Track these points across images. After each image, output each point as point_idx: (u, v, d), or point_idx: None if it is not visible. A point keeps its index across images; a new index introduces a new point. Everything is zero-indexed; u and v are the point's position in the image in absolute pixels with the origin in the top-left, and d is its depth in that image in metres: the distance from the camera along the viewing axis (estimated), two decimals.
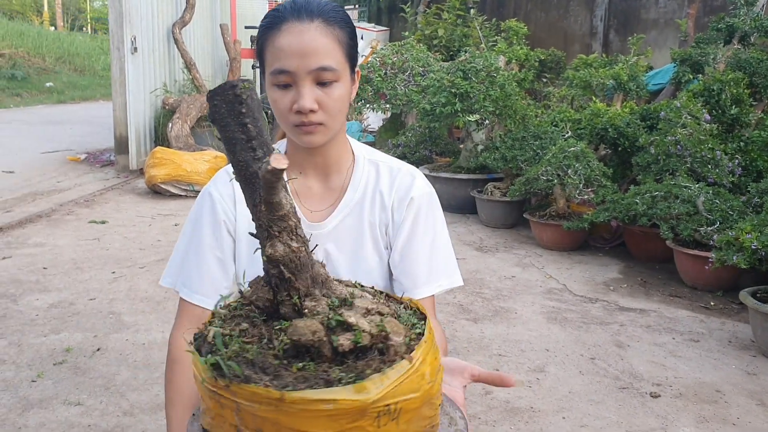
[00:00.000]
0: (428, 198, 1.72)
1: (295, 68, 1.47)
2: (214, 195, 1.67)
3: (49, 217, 6.41)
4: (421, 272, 1.68)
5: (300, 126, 1.51)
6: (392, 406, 0.82)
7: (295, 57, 1.47)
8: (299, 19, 1.49)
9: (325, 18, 1.50)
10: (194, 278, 1.65)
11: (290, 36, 1.48)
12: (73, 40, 26.36)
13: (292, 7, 1.52)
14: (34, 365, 3.43)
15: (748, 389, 3.35)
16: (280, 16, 1.51)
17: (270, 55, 1.52)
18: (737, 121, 5.46)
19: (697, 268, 4.62)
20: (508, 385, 1.18)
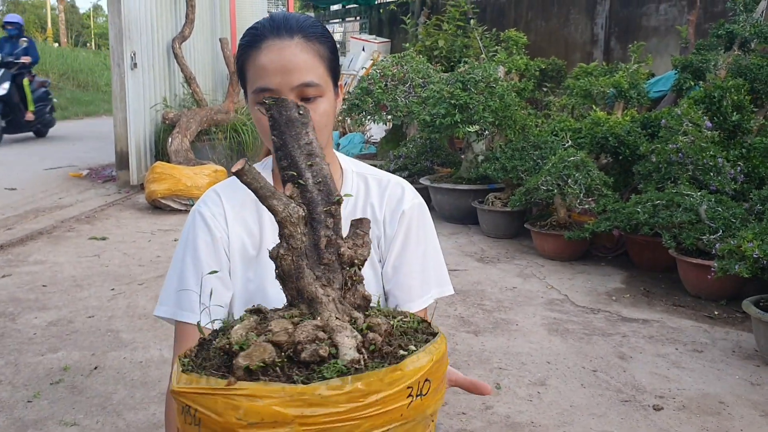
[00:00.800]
0: (419, 209, 1.69)
1: (277, 85, 1.46)
2: (205, 214, 1.63)
3: (50, 234, 6.40)
4: (414, 284, 1.66)
5: None
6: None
7: (277, 74, 1.46)
8: (279, 37, 1.48)
9: (305, 34, 1.50)
10: (195, 300, 1.57)
11: (271, 54, 1.47)
12: (77, 56, 26.51)
13: (270, 24, 1.51)
14: (31, 385, 3.40)
15: (752, 400, 3.30)
16: (259, 34, 1.50)
17: (251, 74, 1.51)
18: (739, 127, 5.42)
19: (700, 277, 4.58)
20: (484, 393, 1.19)
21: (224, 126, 9.11)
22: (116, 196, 8.14)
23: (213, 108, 9.18)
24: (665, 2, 9.40)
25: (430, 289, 1.70)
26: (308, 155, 1.04)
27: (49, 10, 44.41)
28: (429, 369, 0.91)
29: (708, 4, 8.66)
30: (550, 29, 11.00)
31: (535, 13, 11.28)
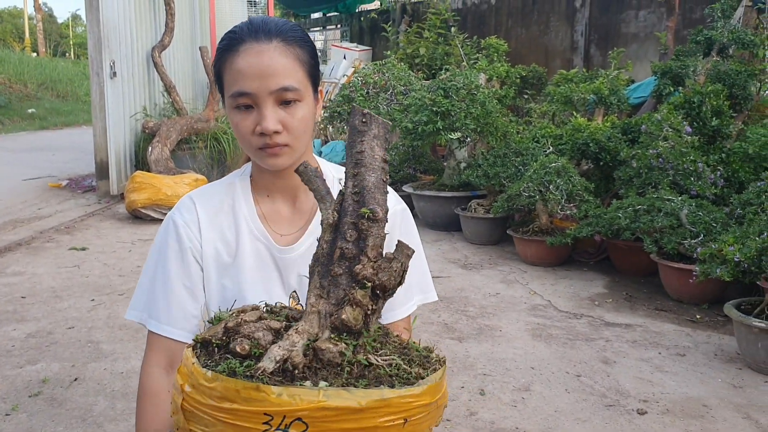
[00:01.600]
0: (401, 215, 1.69)
1: (255, 89, 1.45)
2: (178, 222, 1.62)
3: (28, 245, 6.33)
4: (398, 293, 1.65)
5: (264, 148, 1.48)
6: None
7: (255, 78, 1.45)
8: (257, 40, 1.46)
9: (284, 37, 1.48)
10: (162, 310, 1.58)
11: (249, 57, 1.46)
12: (56, 66, 26.32)
13: (249, 27, 1.49)
14: (9, 398, 3.35)
15: (735, 402, 3.31)
16: (237, 37, 1.49)
17: (229, 78, 1.49)
18: (718, 132, 5.46)
19: (682, 281, 4.60)
20: None
21: (204, 135, 9.06)
22: (96, 206, 8.07)
23: (193, 117, 9.13)
24: (644, 9, 9.47)
25: (413, 296, 1.70)
26: (355, 164, 1.05)
27: (26, 19, 44.13)
28: (300, 410, 0.91)
29: (686, 11, 8.74)
30: (531, 36, 11.05)
31: (515, 21, 11.33)
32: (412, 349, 1.08)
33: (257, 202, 1.64)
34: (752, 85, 5.88)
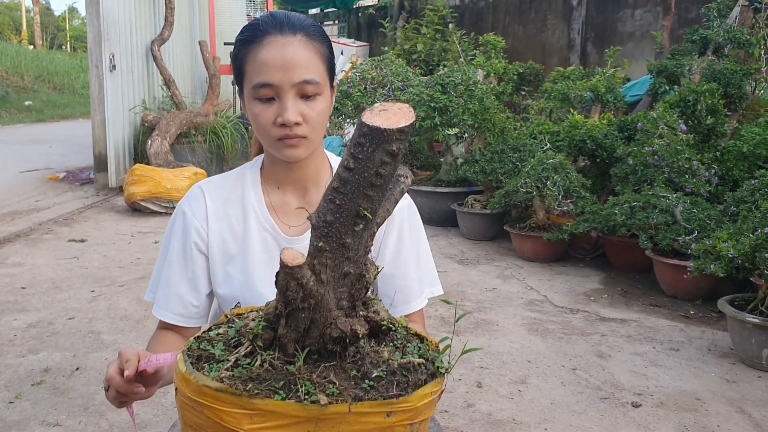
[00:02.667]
0: (408, 210, 1.72)
1: (279, 81, 1.47)
2: (186, 213, 1.67)
3: (27, 237, 6.35)
4: (413, 285, 1.70)
5: (283, 139, 1.51)
6: None
7: (279, 70, 1.47)
8: (282, 33, 1.49)
9: (307, 32, 1.51)
10: (162, 296, 1.67)
11: (273, 49, 1.48)
12: (53, 59, 26.29)
13: (272, 21, 1.51)
14: (12, 386, 3.39)
15: (728, 397, 3.37)
16: (261, 30, 1.51)
17: (251, 69, 1.51)
18: (713, 131, 5.51)
19: (677, 277, 4.65)
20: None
21: (204, 129, 9.09)
22: (94, 199, 8.10)
23: (192, 111, 9.16)
24: (640, 8, 9.51)
25: (425, 289, 1.75)
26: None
27: (24, 12, 43.99)
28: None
29: (682, 10, 8.78)
30: (528, 34, 11.09)
31: (512, 18, 11.36)
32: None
33: (267, 193, 1.67)
34: (747, 85, 5.93)
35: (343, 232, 1.00)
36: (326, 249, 1.02)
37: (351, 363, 1.03)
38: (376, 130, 0.93)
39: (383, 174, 0.96)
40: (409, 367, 1.02)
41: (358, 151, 0.95)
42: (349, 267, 1.03)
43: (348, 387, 0.97)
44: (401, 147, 0.95)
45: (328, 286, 1.03)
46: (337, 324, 1.02)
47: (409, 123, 0.94)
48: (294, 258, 0.99)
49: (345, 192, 0.98)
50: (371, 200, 0.98)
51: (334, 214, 0.99)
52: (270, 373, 1.00)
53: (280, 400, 0.94)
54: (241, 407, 0.94)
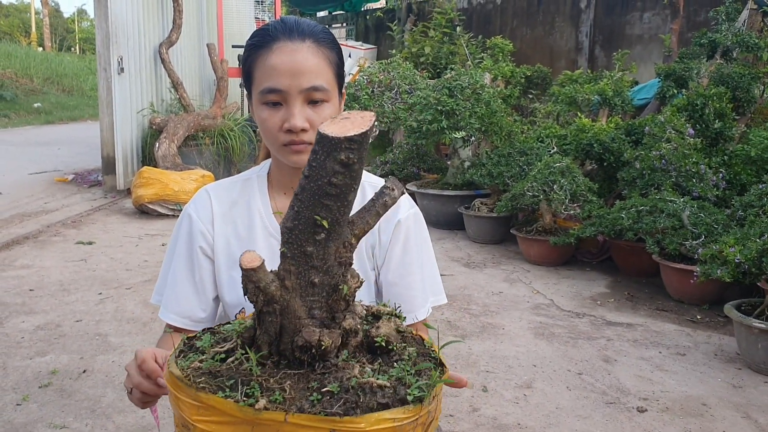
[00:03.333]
0: (414, 218, 1.72)
1: (287, 87, 1.48)
2: (192, 216, 1.67)
3: (35, 239, 6.38)
4: (416, 295, 1.69)
5: (289, 145, 1.52)
6: None
7: (287, 76, 1.48)
8: (291, 39, 1.50)
9: (316, 38, 1.52)
10: (169, 300, 1.67)
11: (282, 55, 1.49)
12: (62, 61, 26.39)
13: (282, 26, 1.52)
14: (19, 388, 3.41)
15: (734, 402, 3.36)
16: (270, 35, 1.52)
17: (260, 74, 1.52)
18: (721, 135, 5.50)
19: (683, 281, 4.65)
20: (462, 385, 1.18)
21: (211, 131, 9.11)
22: (102, 201, 8.13)
23: (200, 113, 9.18)
24: (649, 11, 9.50)
25: (428, 298, 1.73)
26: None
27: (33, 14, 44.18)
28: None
29: (691, 14, 8.77)
30: (536, 37, 11.08)
31: (520, 21, 11.36)
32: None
33: (273, 198, 1.68)
34: (756, 88, 5.92)
35: (303, 239, 0.99)
36: (288, 255, 1.01)
37: (318, 374, 1.01)
38: (326, 138, 0.92)
39: (337, 184, 0.94)
40: (366, 387, 0.96)
41: (313, 158, 0.94)
42: (316, 276, 1.02)
43: (298, 397, 0.95)
44: (352, 157, 0.93)
45: (294, 293, 1.02)
46: (302, 333, 1.02)
47: (360, 132, 0.92)
48: (251, 260, 0.99)
49: (302, 199, 0.97)
50: (329, 209, 0.97)
51: (293, 220, 0.99)
52: (231, 370, 1.00)
53: (221, 397, 0.94)
54: (190, 397, 0.96)
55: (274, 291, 1.00)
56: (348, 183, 0.95)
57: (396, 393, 0.97)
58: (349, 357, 1.06)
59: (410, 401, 0.95)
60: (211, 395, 0.94)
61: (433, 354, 1.12)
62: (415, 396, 0.96)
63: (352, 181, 0.96)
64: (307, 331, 1.02)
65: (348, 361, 1.04)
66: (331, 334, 1.03)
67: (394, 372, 1.02)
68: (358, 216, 1.05)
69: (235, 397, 0.94)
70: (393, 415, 0.94)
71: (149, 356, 1.29)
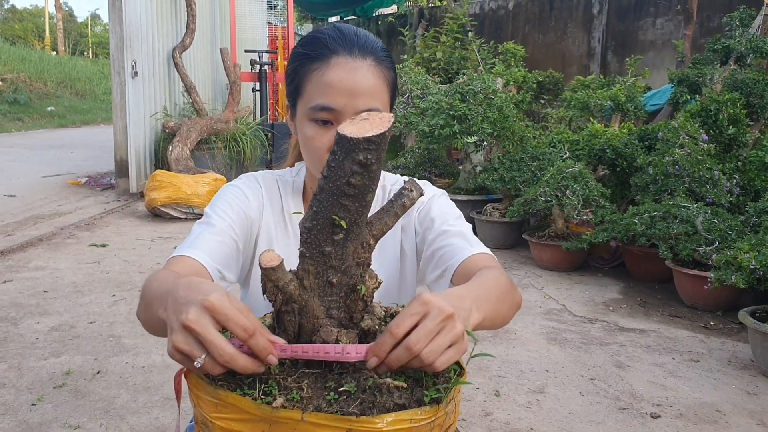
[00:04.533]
0: (441, 193, 1.65)
1: (342, 107, 1.37)
2: (243, 189, 1.56)
3: (49, 241, 6.42)
4: (455, 242, 1.52)
5: None
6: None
7: (344, 95, 1.37)
8: (351, 55, 1.39)
9: (377, 57, 1.42)
10: (201, 246, 1.41)
11: (341, 72, 1.38)
12: (75, 65, 26.57)
13: (342, 39, 1.41)
14: (34, 388, 3.43)
15: (749, 409, 3.34)
16: (328, 47, 1.41)
17: (313, 88, 1.40)
18: (735, 141, 5.49)
19: (697, 287, 4.63)
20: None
21: (224, 135, 9.15)
22: (115, 204, 8.17)
23: (213, 117, 9.23)
24: (662, 17, 9.48)
25: (473, 246, 1.53)
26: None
27: (47, 18, 44.50)
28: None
29: (704, 19, 8.75)
30: (548, 42, 11.08)
31: (532, 27, 11.36)
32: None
33: (306, 207, 1.59)
34: None
35: (322, 239, 1.00)
36: (306, 255, 1.02)
37: (336, 374, 1.02)
38: (345, 139, 0.93)
39: (355, 184, 0.95)
40: (382, 388, 0.96)
41: (332, 159, 0.95)
42: (333, 276, 1.02)
43: (315, 396, 0.96)
44: (370, 157, 0.93)
45: (312, 293, 1.03)
46: (320, 332, 1.03)
47: (378, 133, 0.92)
48: (270, 260, 0.99)
49: (321, 199, 0.98)
50: (347, 209, 0.97)
51: (312, 221, 1.00)
52: None
53: (239, 395, 0.95)
54: (209, 395, 0.97)
55: (293, 290, 1.02)
56: (366, 183, 0.96)
57: (413, 394, 0.97)
58: None
59: (427, 402, 0.95)
60: (230, 393, 0.96)
61: None
62: (432, 397, 0.96)
63: (371, 182, 0.97)
64: (325, 330, 1.03)
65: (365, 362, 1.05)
66: (348, 334, 1.04)
67: (411, 373, 1.02)
68: (376, 216, 1.05)
69: (253, 395, 0.95)
70: (410, 416, 0.94)
71: (259, 323, 0.98)
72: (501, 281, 1.34)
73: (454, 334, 0.99)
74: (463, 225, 1.57)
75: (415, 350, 0.96)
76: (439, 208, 1.59)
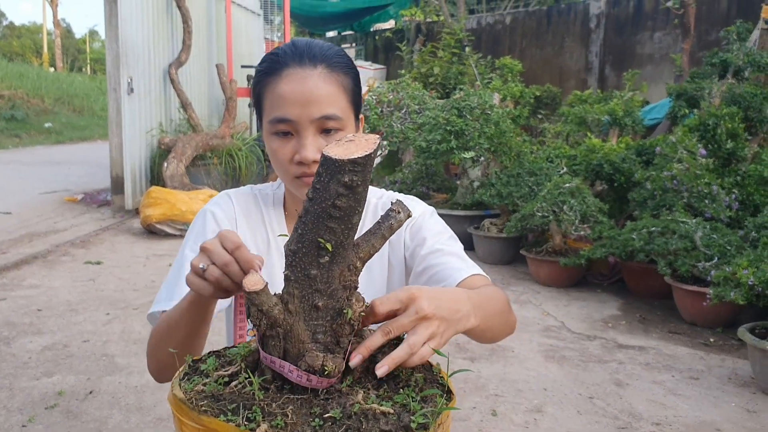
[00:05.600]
0: (430, 212, 1.64)
1: (297, 117, 1.40)
2: (217, 215, 1.57)
3: (45, 258, 6.38)
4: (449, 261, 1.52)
5: (301, 177, 1.44)
6: None
7: (297, 105, 1.39)
8: (301, 65, 1.41)
9: (329, 64, 1.43)
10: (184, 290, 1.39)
11: (292, 83, 1.40)
12: (73, 81, 26.64)
13: (293, 51, 1.43)
14: (26, 409, 3.38)
15: (748, 427, 3.29)
16: (280, 61, 1.43)
17: (269, 103, 1.44)
18: (733, 155, 5.46)
19: (696, 304, 4.59)
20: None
21: (219, 151, 9.14)
22: (111, 221, 8.13)
23: (209, 133, 9.21)
24: (659, 31, 9.49)
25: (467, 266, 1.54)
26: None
27: (45, 34, 44.62)
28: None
29: (702, 33, 8.76)
30: (545, 57, 11.09)
31: (529, 41, 11.37)
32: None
33: (288, 220, 1.62)
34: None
35: (307, 262, 0.98)
36: (291, 278, 1.00)
37: (321, 399, 0.99)
38: (330, 161, 0.91)
39: (341, 206, 0.93)
40: (368, 414, 0.95)
41: (317, 181, 0.93)
42: (319, 299, 1.00)
43: (300, 422, 0.94)
44: (356, 179, 0.91)
45: (298, 317, 1.00)
46: (305, 358, 1.00)
47: (363, 154, 0.91)
48: (254, 283, 0.98)
49: (306, 222, 0.96)
50: (333, 232, 0.95)
51: (297, 243, 0.98)
52: (234, 394, 0.99)
53: (222, 421, 0.93)
54: (192, 420, 0.96)
55: (277, 314, 0.99)
56: (352, 205, 0.94)
57: (400, 420, 0.95)
58: (354, 382, 1.04)
59: (414, 428, 0.93)
60: (213, 419, 0.94)
61: (441, 380, 1.10)
62: (419, 423, 0.94)
63: (357, 204, 0.95)
64: (310, 355, 1.00)
65: (352, 387, 1.02)
66: (335, 359, 1.01)
67: (399, 398, 1.00)
68: (363, 239, 1.03)
69: (236, 421, 0.93)
70: None
71: (242, 242, 1.11)
72: (501, 299, 1.40)
73: (430, 333, 1.06)
74: (456, 245, 1.59)
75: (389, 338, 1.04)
76: (431, 226, 1.61)
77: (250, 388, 1.00)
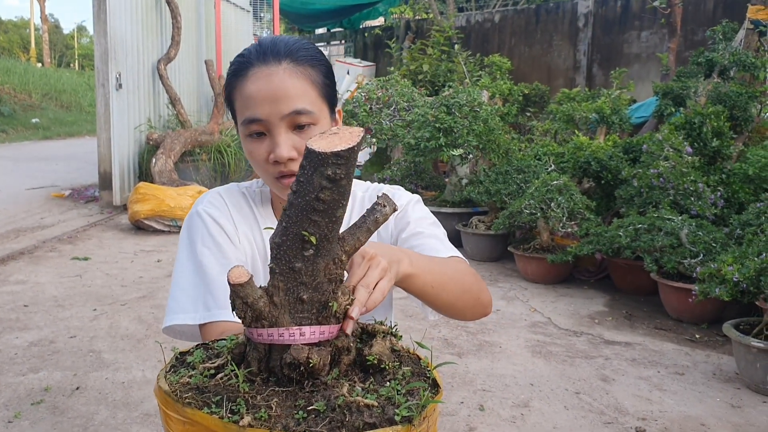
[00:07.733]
0: (415, 200, 1.66)
1: (266, 116, 1.38)
2: (212, 213, 1.54)
3: (31, 254, 6.35)
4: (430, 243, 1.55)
5: (280, 178, 1.43)
6: None
7: (266, 103, 1.38)
8: (266, 63, 1.39)
9: (294, 58, 1.40)
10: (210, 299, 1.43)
11: (258, 81, 1.38)
12: (60, 77, 26.48)
13: (257, 50, 1.42)
14: (11, 405, 3.37)
15: (733, 422, 3.32)
16: (245, 61, 1.42)
17: (240, 104, 1.42)
18: (719, 153, 5.50)
19: (682, 300, 4.62)
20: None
21: (208, 147, 9.12)
22: (99, 217, 8.11)
23: (197, 129, 9.19)
24: (646, 30, 9.54)
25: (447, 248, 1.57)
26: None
27: (32, 30, 44.34)
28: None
29: (688, 33, 8.80)
30: (534, 55, 11.12)
31: (518, 39, 11.40)
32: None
33: (278, 216, 1.60)
34: (753, 107, 5.93)
35: (292, 255, 0.98)
36: (276, 271, 1.01)
37: (306, 392, 1.00)
38: (313, 153, 0.92)
39: (325, 199, 0.93)
40: (352, 407, 0.95)
41: (301, 174, 0.94)
42: (304, 292, 1.01)
43: (284, 414, 0.94)
44: (339, 172, 0.92)
45: (283, 310, 1.01)
46: (290, 350, 1.00)
47: (347, 147, 0.91)
48: (239, 276, 0.98)
49: (290, 215, 0.96)
50: (317, 225, 0.96)
51: (281, 236, 0.98)
52: (219, 387, 0.99)
53: (206, 413, 0.93)
54: (176, 413, 0.97)
55: (262, 307, 1.00)
56: (336, 198, 0.95)
57: (384, 413, 0.95)
58: (340, 375, 1.04)
59: (398, 421, 0.93)
60: (197, 411, 0.94)
61: (428, 374, 1.10)
62: (403, 416, 0.94)
63: (341, 197, 0.95)
64: (295, 348, 1.00)
65: (338, 380, 1.03)
66: (320, 351, 1.02)
67: (384, 391, 1.00)
68: (348, 232, 1.04)
69: (220, 414, 0.93)
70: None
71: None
72: (464, 272, 1.46)
73: (380, 269, 1.15)
74: (439, 230, 1.62)
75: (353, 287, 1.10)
76: (416, 212, 1.63)
77: (236, 380, 1.00)
